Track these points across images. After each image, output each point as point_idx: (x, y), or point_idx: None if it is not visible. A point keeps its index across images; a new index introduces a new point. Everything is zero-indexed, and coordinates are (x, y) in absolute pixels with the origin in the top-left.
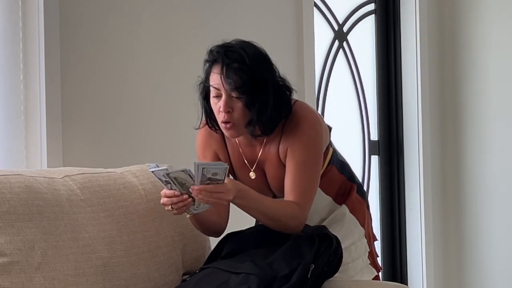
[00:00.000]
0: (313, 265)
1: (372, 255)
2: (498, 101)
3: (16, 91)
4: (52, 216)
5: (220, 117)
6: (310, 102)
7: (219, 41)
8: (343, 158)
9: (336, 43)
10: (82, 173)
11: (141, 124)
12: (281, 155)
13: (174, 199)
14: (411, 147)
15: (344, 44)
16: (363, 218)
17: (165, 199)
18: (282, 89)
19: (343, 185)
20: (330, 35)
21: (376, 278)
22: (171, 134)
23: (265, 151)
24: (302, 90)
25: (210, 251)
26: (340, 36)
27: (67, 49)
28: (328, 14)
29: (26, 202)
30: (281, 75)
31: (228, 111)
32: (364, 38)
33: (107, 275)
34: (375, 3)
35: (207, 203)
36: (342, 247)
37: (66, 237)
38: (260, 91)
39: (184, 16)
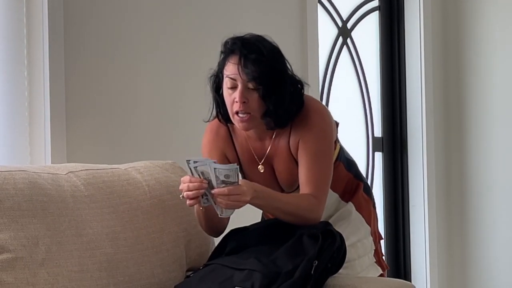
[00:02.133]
0: (316, 262)
1: (377, 254)
2: (502, 97)
3: (20, 87)
4: (56, 212)
5: (234, 107)
6: None
7: (224, 37)
8: (350, 156)
9: (340, 39)
10: (86, 169)
11: (144, 121)
12: (292, 148)
13: (191, 185)
14: (415, 143)
15: (348, 40)
16: (369, 216)
17: (183, 184)
18: (297, 83)
19: (349, 182)
20: (334, 31)
21: (382, 276)
22: (175, 131)
23: (275, 145)
24: (306, 87)
25: (214, 247)
26: (344, 32)
27: (71, 45)
28: (332, 10)
29: (30, 198)
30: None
31: (244, 102)
32: (368, 35)
33: (111, 271)
34: None
35: (226, 206)
36: (349, 243)
37: (70, 233)
38: (277, 83)
39: (188, 14)
